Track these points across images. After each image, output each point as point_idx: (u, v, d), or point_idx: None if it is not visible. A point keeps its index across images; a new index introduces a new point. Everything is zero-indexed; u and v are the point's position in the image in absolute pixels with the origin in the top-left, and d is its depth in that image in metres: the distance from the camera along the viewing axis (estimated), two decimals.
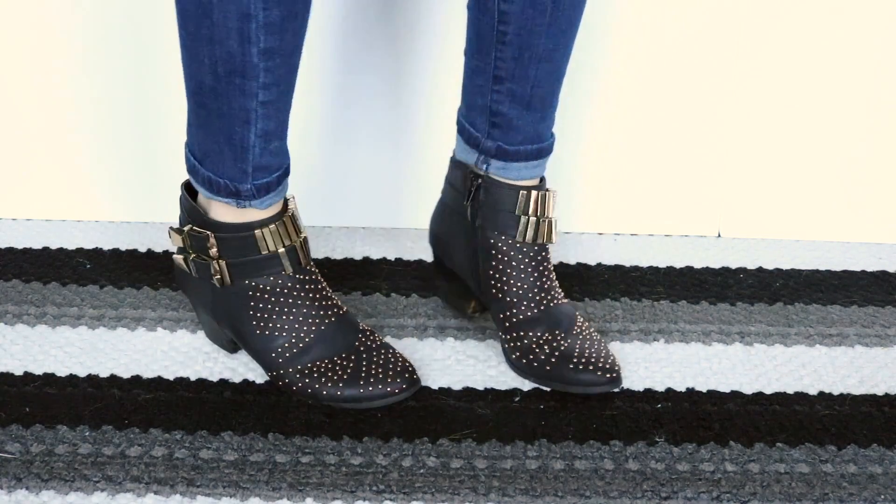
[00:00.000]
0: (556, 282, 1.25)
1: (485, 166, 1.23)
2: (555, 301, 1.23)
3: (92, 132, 1.49)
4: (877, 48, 1.45)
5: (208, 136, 1.13)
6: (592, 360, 1.18)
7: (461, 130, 1.25)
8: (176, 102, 1.47)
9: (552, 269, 1.24)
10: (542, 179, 1.25)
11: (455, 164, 1.27)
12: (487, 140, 1.22)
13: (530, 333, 1.21)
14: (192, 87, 1.12)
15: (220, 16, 1.05)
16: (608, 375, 1.18)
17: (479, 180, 1.23)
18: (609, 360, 1.19)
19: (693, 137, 1.51)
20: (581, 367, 1.18)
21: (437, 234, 1.31)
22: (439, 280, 1.33)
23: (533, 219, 1.22)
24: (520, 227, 1.22)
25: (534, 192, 1.22)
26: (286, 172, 1.17)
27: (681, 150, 1.52)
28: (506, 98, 1.19)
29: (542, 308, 1.22)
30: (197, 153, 1.16)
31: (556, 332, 1.21)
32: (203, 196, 1.17)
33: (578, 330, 1.22)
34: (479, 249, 1.24)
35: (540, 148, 1.23)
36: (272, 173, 1.15)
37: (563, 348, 1.19)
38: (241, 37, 1.06)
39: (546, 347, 1.20)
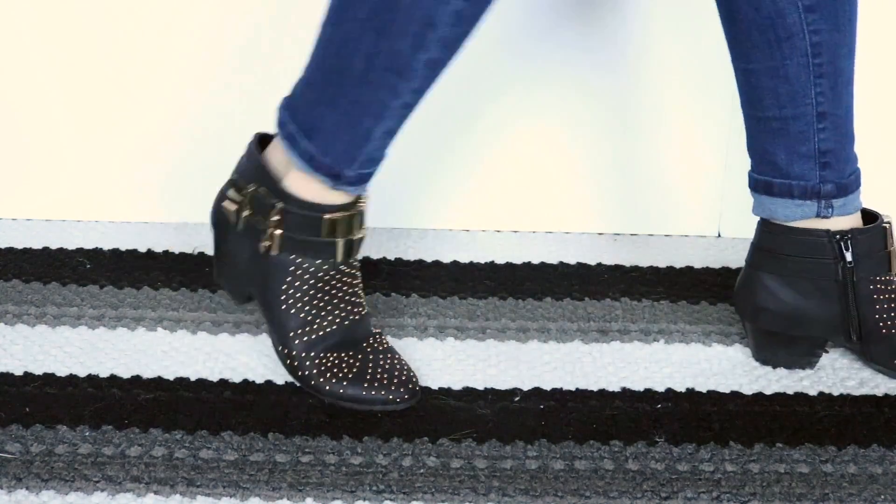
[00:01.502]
0: None
1: (829, 211, 1.20)
2: None
3: (92, 132, 1.49)
4: (876, 48, 1.45)
5: (329, 115, 1.10)
6: None
7: (783, 191, 1.21)
8: (177, 102, 1.47)
9: None
10: None
11: (787, 232, 1.21)
12: (824, 185, 1.19)
13: None
14: (334, 66, 1.08)
15: (403, 17, 1.03)
16: None
17: (848, 235, 1.20)
18: None
19: (693, 138, 1.51)
20: None
21: (787, 313, 1.22)
22: (781, 350, 1.24)
23: (893, 249, 1.22)
24: (893, 264, 1.21)
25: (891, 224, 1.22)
26: (379, 168, 1.15)
27: (681, 150, 1.52)
28: (832, 133, 1.18)
29: None
30: (304, 125, 1.11)
31: None
32: (297, 168, 1.13)
33: None
34: (859, 301, 1.20)
35: (859, 170, 1.22)
36: (375, 165, 1.14)
37: None
38: (416, 42, 1.04)
39: None
